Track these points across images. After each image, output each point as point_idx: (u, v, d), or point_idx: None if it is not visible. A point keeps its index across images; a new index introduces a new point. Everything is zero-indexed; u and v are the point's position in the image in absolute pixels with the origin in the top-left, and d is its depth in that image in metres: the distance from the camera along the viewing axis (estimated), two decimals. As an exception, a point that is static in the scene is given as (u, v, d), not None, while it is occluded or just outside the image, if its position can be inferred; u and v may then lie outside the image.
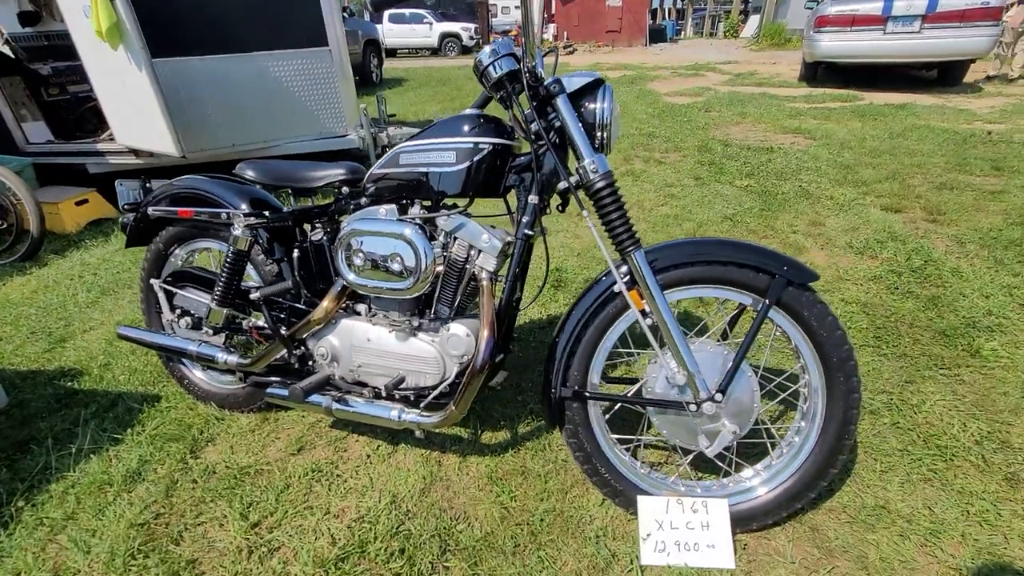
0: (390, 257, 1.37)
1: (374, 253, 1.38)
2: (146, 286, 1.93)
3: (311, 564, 1.37)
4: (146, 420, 1.91)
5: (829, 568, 1.30)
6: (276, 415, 1.92)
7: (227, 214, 1.63)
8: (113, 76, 3.48)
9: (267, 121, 4.29)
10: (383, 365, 1.54)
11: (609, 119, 1.27)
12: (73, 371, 2.21)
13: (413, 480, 1.61)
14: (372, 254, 1.39)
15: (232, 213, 1.59)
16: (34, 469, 1.71)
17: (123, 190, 1.86)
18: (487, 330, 1.37)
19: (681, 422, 1.35)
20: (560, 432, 1.45)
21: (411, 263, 1.35)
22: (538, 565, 1.34)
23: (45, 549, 1.46)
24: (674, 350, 1.28)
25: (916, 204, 3.26)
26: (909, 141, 4.54)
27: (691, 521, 1.35)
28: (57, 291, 2.95)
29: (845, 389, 1.28)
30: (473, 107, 1.42)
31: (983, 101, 6.35)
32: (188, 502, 1.59)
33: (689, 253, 1.30)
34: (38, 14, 5.21)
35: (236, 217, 1.57)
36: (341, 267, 1.44)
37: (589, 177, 1.25)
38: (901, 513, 1.42)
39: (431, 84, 11.33)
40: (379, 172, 1.45)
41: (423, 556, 1.38)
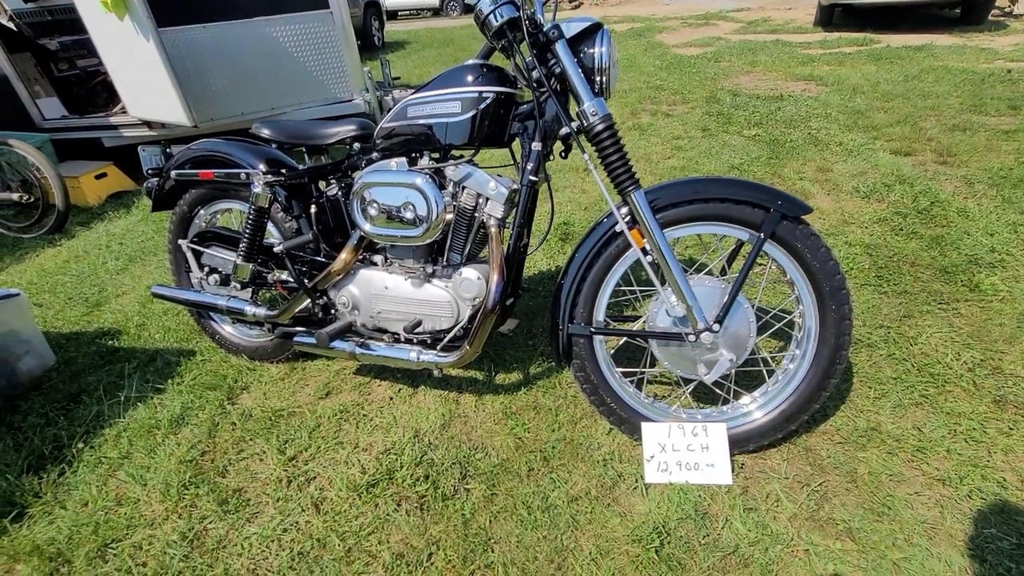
0: (403, 206, 1.44)
1: (387, 203, 1.46)
2: (174, 247, 2.04)
3: (345, 490, 1.52)
4: (184, 372, 2.06)
5: (820, 482, 1.40)
6: (303, 364, 2.05)
7: (246, 174, 1.72)
8: (121, 48, 3.52)
9: (273, 88, 4.32)
10: (401, 311, 1.64)
11: (608, 63, 1.31)
12: (112, 331, 2.36)
13: (434, 417, 1.74)
14: (385, 204, 1.46)
15: (251, 172, 1.68)
16: (88, 416, 1.87)
17: (146, 156, 1.94)
18: (496, 273, 1.45)
19: (681, 353, 1.44)
20: (568, 368, 1.55)
21: (423, 211, 1.43)
22: (550, 485, 1.47)
23: (107, 483, 1.62)
24: (673, 284, 1.36)
25: (927, 147, 3.23)
26: (924, 83, 4.42)
27: (691, 444, 1.46)
28: (87, 260, 3.10)
29: (837, 317, 1.35)
30: (477, 58, 1.47)
31: (1007, 39, 6.10)
32: (229, 441, 1.74)
33: (687, 191, 1.35)
34: (39, -12, 5.21)
35: (255, 176, 1.65)
36: (357, 218, 1.52)
37: (589, 120, 1.30)
38: (891, 434, 1.51)
39: (434, 46, 11.10)
40: (388, 126, 1.51)
41: (445, 480, 1.51)
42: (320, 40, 4.40)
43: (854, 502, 1.34)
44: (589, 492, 1.44)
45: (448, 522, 1.40)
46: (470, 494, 1.48)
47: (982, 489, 1.34)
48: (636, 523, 1.35)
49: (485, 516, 1.41)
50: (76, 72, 4.72)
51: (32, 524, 1.51)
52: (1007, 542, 1.22)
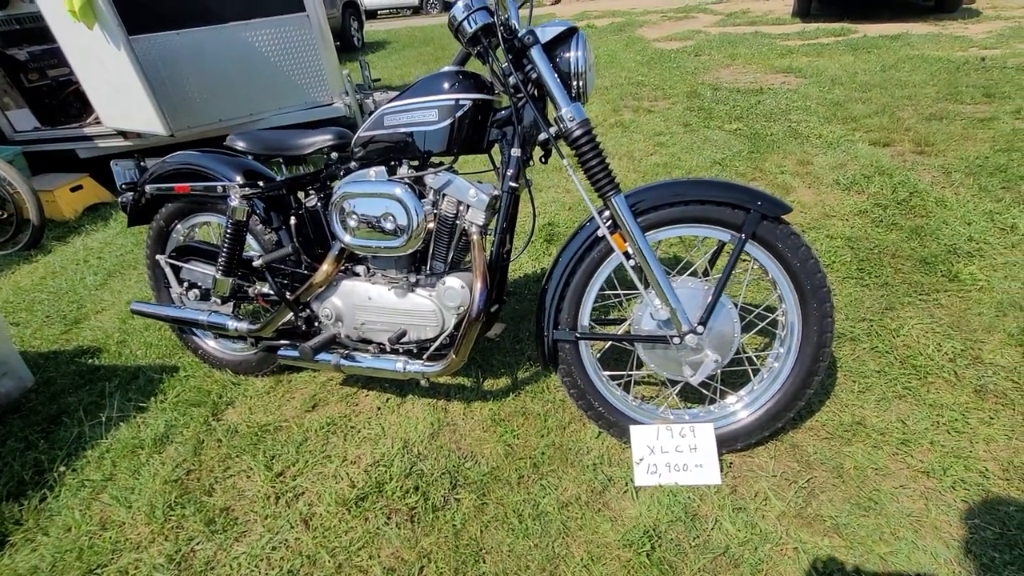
0: (382, 217, 1.43)
1: (367, 214, 1.44)
2: (151, 262, 2.00)
3: (334, 504, 1.50)
4: (167, 389, 2.03)
5: (807, 478, 1.41)
6: (289, 377, 2.02)
7: (222, 187, 1.69)
8: (92, 57, 3.44)
9: (251, 94, 4.25)
10: (385, 321, 1.63)
11: (584, 67, 1.30)
12: (92, 349, 2.32)
13: (422, 427, 1.73)
14: (365, 215, 1.45)
15: (228, 185, 1.65)
16: (69, 438, 1.83)
17: (119, 170, 1.89)
18: (480, 281, 1.44)
19: (667, 355, 1.44)
20: (555, 373, 1.55)
21: (403, 221, 1.42)
22: (541, 492, 1.46)
23: (90, 507, 1.59)
24: (656, 288, 1.36)
25: (905, 137, 3.27)
26: (901, 73, 4.48)
27: (680, 445, 1.46)
28: (65, 276, 3.03)
29: (819, 314, 1.36)
30: (452, 64, 1.46)
31: (980, 26, 6.19)
32: (215, 459, 1.71)
33: (667, 194, 1.35)
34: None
35: (232, 189, 1.62)
36: (337, 230, 1.50)
37: (567, 126, 1.29)
38: (876, 427, 1.53)
39: (414, 45, 11.04)
40: (366, 135, 1.49)
41: (435, 491, 1.50)
42: (297, 44, 4.34)
43: (841, 497, 1.36)
44: (579, 497, 1.44)
45: (439, 534, 1.39)
46: (460, 504, 1.47)
47: (965, 480, 1.36)
48: (627, 527, 1.35)
49: (476, 526, 1.40)
50: (47, 83, 4.61)
51: (14, 553, 1.47)
52: (990, 532, 1.24)
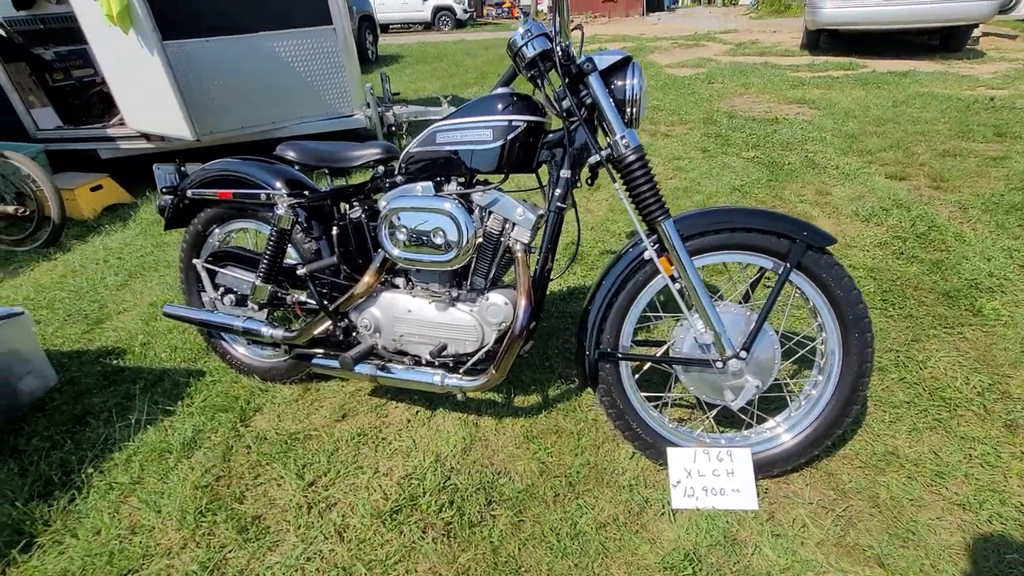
0: (433, 232, 1.45)
1: (418, 228, 1.47)
2: (186, 266, 2.01)
3: (368, 516, 1.50)
4: (194, 393, 2.02)
5: (844, 507, 1.42)
6: (317, 385, 2.02)
7: (267, 195, 1.71)
8: (123, 60, 3.49)
9: (274, 103, 4.31)
10: (424, 334, 1.64)
11: (639, 95, 1.34)
12: (116, 350, 2.31)
13: (454, 441, 1.73)
14: (416, 229, 1.47)
15: (275, 194, 1.67)
16: (95, 439, 1.82)
17: (160, 174, 1.92)
18: (524, 299, 1.46)
19: (708, 379, 1.45)
20: (593, 392, 1.56)
21: (453, 237, 1.44)
22: (577, 511, 1.46)
23: (119, 510, 1.58)
24: (702, 312, 1.38)
25: (920, 172, 3.34)
26: (912, 109, 4.58)
27: (717, 469, 1.47)
28: (85, 275, 3.03)
29: (860, 344, 1.38)
30: (499, 84, 1.49)
31: (986, 66, 6.35)
32: (245, 465, 1.70)
33: (714, 221, 1.38)
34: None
35: (279, 197, 1.65)
36: (385, 243, 1.52)
37: (621, 151, 1.33)
38: (909, 458, 1.54)
39: (428, 60, 11.20)
40: (416, 151, 1.52)
41: (471, 507, 1.50)
42: (322, 55, 4.42)
43: (879, 527, 1.37)
44: (617, 518, 1.44)
45: (476, 550, 1.39)
46: (497, 521, 1.47)
47: (1001, 514, 1.37)
48: (666, 550, 1.35)
49: (514, 543, 1.40)
50: (71, 83, 4.66)
51: (42, 554, 1.46)
52: (1029, 567, 1.25)
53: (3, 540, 1.49)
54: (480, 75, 8.68)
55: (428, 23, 21.05)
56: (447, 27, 20.99)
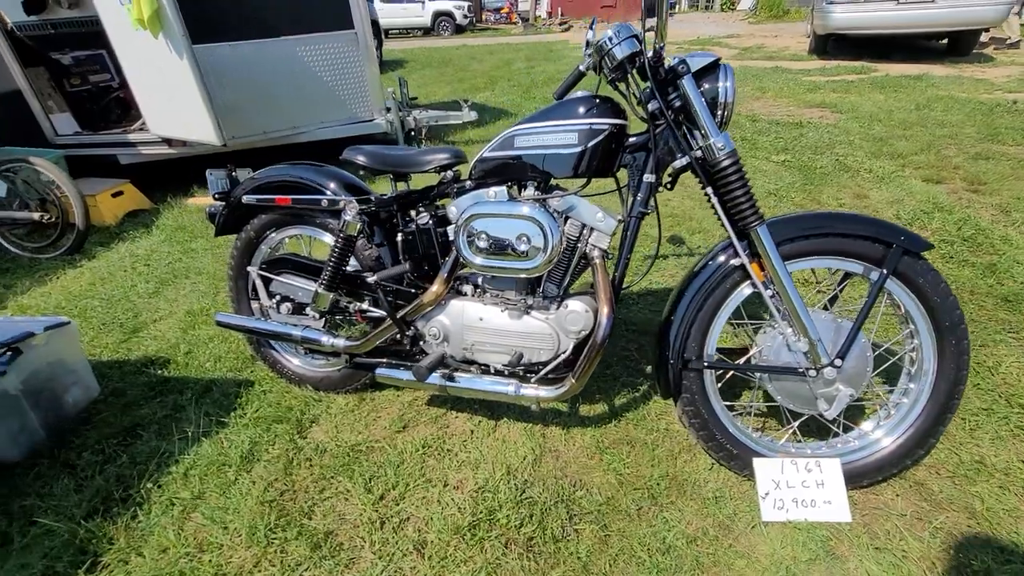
0: (517, 238, 1.41)
1: (500, 234, 1.43)
2: (236, 273, 1.97)
3: (446, 532, 1.45)
4: (245, 404, 1.97)
5: (940, 519, 1.38)
6: (372, 395, 1.98)
7: (330, 201, 1.67)
8: (149, 65, 3.44)
9: (295, 107, 4.27)
10: (496, 343, 1.60)
11: (732, 97, 1.31)
12: (158, 359, 2.26)
13: (523, 452, 1.68)
14: (498, 236, 1.43)
15: (343, 200, 1.63)
16: (149, 453, 1.77)
17: (213, 179, 1.87)
18: (607, 307, 1.43)
19: (798, 387, 1.42)
20: (675, 403, 1.52)
21: (539, 243, 1.40)
22: (664, 525, 1.42)
23: (183, 526, 1.52)
24: (796, 319, 1.34)
25: (955, 175, 3.33)
26: (936, 112, 4.59)
27: (806, 480, 1.43)
28: (115, 282, 2.98)
29: (956, 351, 1.35)
30: (561, 90, 1.44)
31: (998, 70, 6.38)
32: (308, 479, 1.65)
33: (808, 226, 1.35)
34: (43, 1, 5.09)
35: (348, 203, 1.60)
36: (464, 250, 1.48)
37: (716, 155, 1.29)
38: (997, 467, 1.51)
39: (433, 65, 11.18)
40: (491, 155, 1.49)
41: (552, 521, 1.46)
42: (343, 60, 4.39)
43: (980, 541, 1.33)
44: (707, 532, 1.40)
45: (565, 566, 1.34)
46: (581, 535, 1.42)
47: (1104, 525, 1.33)
48: (763, 565, 1.31)
49: (603, 559, 1.35)
50: (88, 88, 4.60)
51: (110, 574, 1.40)
52: None
53: (68, 560, 1.43)
54: (489, 80, 8.67)
55: (428, 28, 21.08)
56: (447, 32, 21.03)
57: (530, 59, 10.98)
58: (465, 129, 5.44)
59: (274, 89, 4.06)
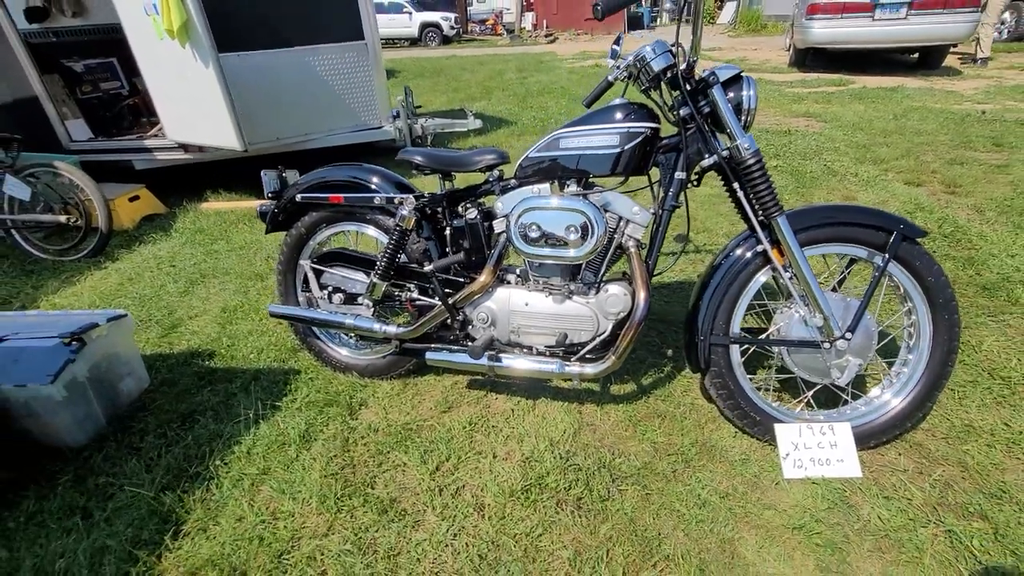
0: (567, 228, 1.58)
1: (552, 226, 1.59)
2: (285, 268, 2.10)
3: (501, 495, 1.60)
4: (294, 390, 2.09)
5: (938, 472, 1.58)
6: (414, 380, 2.12)
7: (386, 198, 1.82)
8: (171, 73, 3.56)
9: (307, 115, 4.40)
10: (540, 325, 1.76)
11: (755, 105, 1.50)
12: (203, 352, 2.37)
13: (562, 427, 1.84)
14: (550, 227, 1.59)
15: (401, 197, 1.78)
16: (208, 435, 1.88)
17: (267, 179, 2.00)
18: (644, 290, 1.60)
19: (814, 359, 1.61)
20: (703, 377, 1.70)
21: (586, 233, 1.57)
22: (699, 485, 1.59)
23: (254, 498, 1.65)
24: (812, 298, 1.54)
25: (933, 178, 3.61)
26: (912, 121, 4.91)
27: (821, 442, 1.62)
28: (143, 283, 3.07)
29: (948, 323, 1.55)
30: (591, 98, 1.60)
31: (966, 83, 6.80)
32: (366, 454, 1.79)
33: (822, 216, 1.55)
34: (46, 10, 5.14)
35: (406, 200, 1.76)
36: (517, 241, 1.64)
37: (743, 155, 1.48)
38: (984, 429, 1.71)
39: (425, 75, 11.36)
40: (537, 155, 1.66)
41: (597, 483, 1.62)
42: (354, 69, 4.53)
43: (973, 488, 1.53)
44: (736, 489, 1.58)
45: (613, 520, 1.50)
46: (624, 495, 1.58)
47: (1076, 473, 1.54)
48: (788, 514, 1.48)
49: (647, 514, 1.52)
50: (99, 95, 4.68)
51: (191, 541, 1.52)
52: (1111, 517, 1.42)
53: (153, 527, 1.54)
54: (484, 90, 8.88)
55: (415, 39, 21.31)
56: (434, 43, 21.28)
57: (521, 70, 11.24)
58: (468, 137, 5.62)
59: (287, 97, 4.19)
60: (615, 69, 1.58)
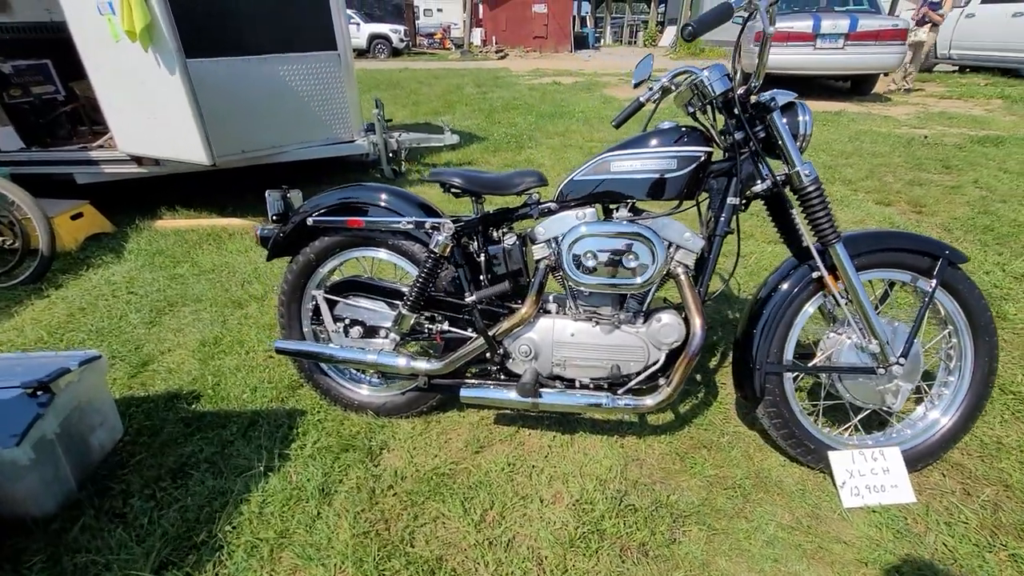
0: (627, 255, 1.50)
1: (610, 254, 1.50)
2: (289, 298, 1.89)
3: (559, 546, 1.47)
4: (302, 435, 1.88)
5: (986, 492, 1.60)
6: (437, 418, 1.95)
7: (412, 222, 1.67)
8: (127, 78, 3.21)
9: (276, 127, 4.12)
10: (587, 357, 1.66)
11: (811, 130, 1.49)
12: (186, 394, 2.09)
13: (607, 463, 1.74)
14: (608, 255, 1.50)
15: (433, 221, 1.64)
16: (208, 493, 1.64)
17: (271, 200, 1.80)
18: (699, 318, 1.54)
19: (866, 385, 1.60)
20: (758, 406, 1.65)
21: (647, 259, 1.49)
22: (762, 520, 1.53)
23: (275, 568, 1.43)
24: (868, 324, 1.53)
25: (899, 198, 3.83)
26: (866, 144, 5.24)
27: (874, 468, 1.60)
28: (98, 313, 2.71)
29: (988, 345, 1.59)
30: (621, 119, 1.57)
31: (898, 109, 7.39)
32: (398, 507, 1.61)
33: (873, 243, 1.55)
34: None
35: (443, 224, 1.61)
36: (570, 269, 1.54)
37: (802, 181, 1.46)
38: (1013, 445, 1.77)
39: (380, 88, 11.10)
40: (584, 179, 1.58)
41: (658, 525, 1.52)
42: (326, 80, 4.31)
43: (1020, 508, 1.55)
44: (800, 522, 1.53)
45: (686, 567, 1.41)
46: (689, 536, 1.50)
47: (1107, 486, 1.61)
48: (858, 546, 1.45)
49: (719, 557, 1.44)
50: (30, 100, 4.18)
51: (208, 627, 1.29)
52: None
53: (159, 617, 1.30)
54: (446, 104, 8.77)
55: (363, 51, 20.91)
56: (383, 55, 20.99)
57: (479, 85, 11.22)
58: (442, 152, 5.48)
59: (256, 108, 3.90)
60: (648, 91, 1.54)
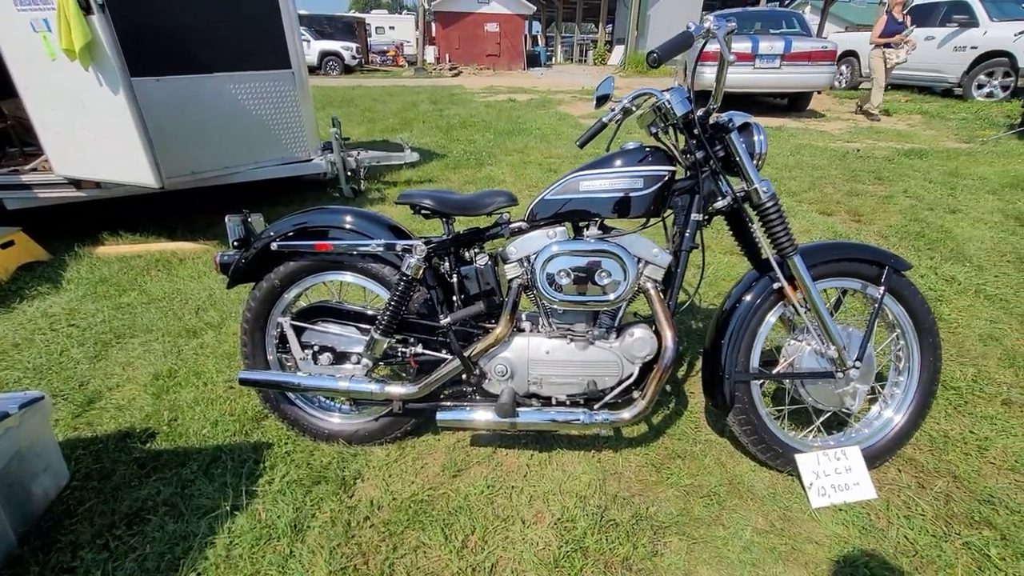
0: (599, 273, 1.52)
1: (583, 271, 1.53)
2: (252, 326, 1.82)
3: (543, 567, 1.46)
4: (268, 469, 1.79)
5: (938, 484, 1.70)
6: (411, 442, 1.91)
7: (382, 244, 1.65)
8: (64, 97, 3.03)
9: (229, 146, 4.01)
10: (563, 374, 1.67)
11: (765, 149, 1.57)
12: (138, 433, 1.96)
13: (586, 479, 1.75)
14: (581, 272, 1.53)
15: (404, 244, 1.62)
16: (169, 539, 1.54)
17: (232, 226, 1.73)
18: (670, 330, 1.58)
19: (826, 388, 1.68)
20: (727, 414, 1.70)
21: (619, 276, 1.53)
22: (738, 526, 1.57)
23: (248, 614, 1.35)
24: (825, 330, 1.61)
25: (839, 208, 4.09)
26: (806, 157, 5.58)
27: (837, 467, 1.68)
28: (36, 349, 2.51)
29: (932, 345, 1.71)
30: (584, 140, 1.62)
31: (831, 124, 7.92)
32: (375, 539, 1.56)
33: (828, 253, 1.64)
34: None
35: (416, 246, 1.60)
36: (544, 287, 1.55)
37: (760, 197, 1.54)
38: (957, 438, 1.89)
39: (335, 105, 10.93)
40: (553, 198, 1.61)
41: (640, 538, 1.54)
42: (280, 99, 4.23)
43: (968, 497, 1.66)
44: (773, 525, 1.58)
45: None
46: (670, 547, 1.52)
47: (1040, 472, 1.75)
48: (829, 544, 1.51)
49: (701, 566, 1.46)
50: (-51, 120, 3.88)
51: None
52: (1078, 509, 1.62)
53: None
54: (402, 121, 8.72)
55: (314, 67, 20.59)
56: (335, 72, 20.74)
57: (435, 101, 11.24)
58: (402, 170, 5.44)
59: (206, 127, 3.78)
60: (611, 112, 1.59)
